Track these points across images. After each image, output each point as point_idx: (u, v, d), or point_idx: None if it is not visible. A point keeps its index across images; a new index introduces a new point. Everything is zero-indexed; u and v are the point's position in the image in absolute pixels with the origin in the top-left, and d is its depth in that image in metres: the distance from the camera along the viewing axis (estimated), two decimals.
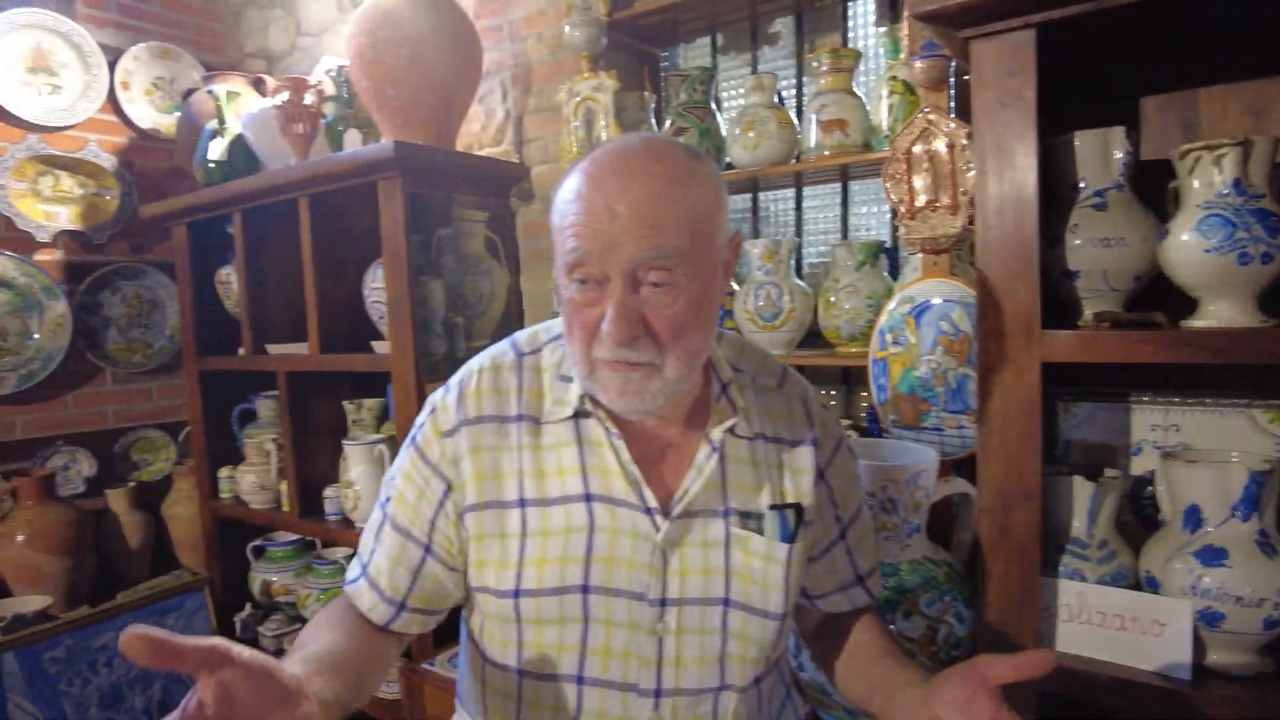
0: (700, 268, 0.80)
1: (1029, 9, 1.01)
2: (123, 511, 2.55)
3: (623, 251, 0.77)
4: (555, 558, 0.86)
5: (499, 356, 0.96)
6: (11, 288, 2.37)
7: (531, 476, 0.89)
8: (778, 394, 0.97)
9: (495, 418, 0.91)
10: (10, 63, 2.36)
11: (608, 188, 0.79)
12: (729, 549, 0.89)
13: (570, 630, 0.87)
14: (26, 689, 1.87)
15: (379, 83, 1.76)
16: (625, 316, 0.78)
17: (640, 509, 0.87)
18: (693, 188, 0.80)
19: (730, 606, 0.88)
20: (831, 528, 0.98)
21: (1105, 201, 1.10)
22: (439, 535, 0.91)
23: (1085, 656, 1.08)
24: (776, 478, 0.93)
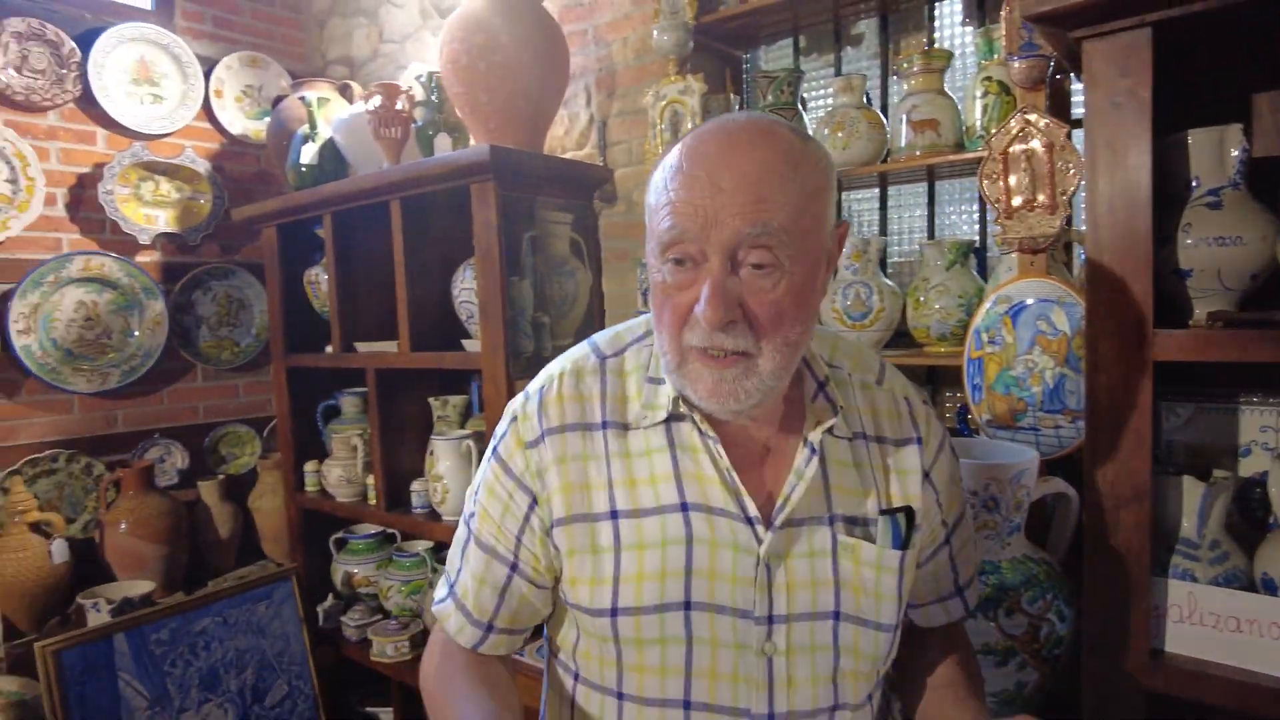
0: (805, 251, 0.75)
1: (1145, 8, 1.01)
2: (213, 503, 2.65)
3: (725, 228, 0.72)
4: (653, 572, 0.81)
5: (580, 360, 0.90)
6: (116, 288, 2.49)
7: (622, 486, 0.84)
8: (878, 390, 0.92)
9: (579, 425, 0.86)
10: (118, 75, 2.48)
11: (711, 161, 0.74)
12: (837, 559, 0.83)
13: (673, 651, 0.82)
14: (135, 668, 1.96)
15: (472, 88, 1.81)
16: (723, 297, 0.73)
17: (740, 519, 0.82)
18: (802, 166, 0.75)
19: (841, 620, 0.83)
20: (938, 532, 0.93)
21: (1220, 200, 1.09)
22: (525, 552, 0.87)
23: (1196, 658, 1.08)
24: (882, 480, 0.87)
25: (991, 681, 1.21)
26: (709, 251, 0.74)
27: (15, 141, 2.27)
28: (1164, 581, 1.10)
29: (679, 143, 0.79)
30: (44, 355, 2.34)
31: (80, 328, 2.42)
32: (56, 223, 2.40)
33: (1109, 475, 1.09)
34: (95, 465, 2.47)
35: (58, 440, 2.41)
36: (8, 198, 2.27)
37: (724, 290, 0.73)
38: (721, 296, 0.73)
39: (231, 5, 2.81)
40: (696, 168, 0.74)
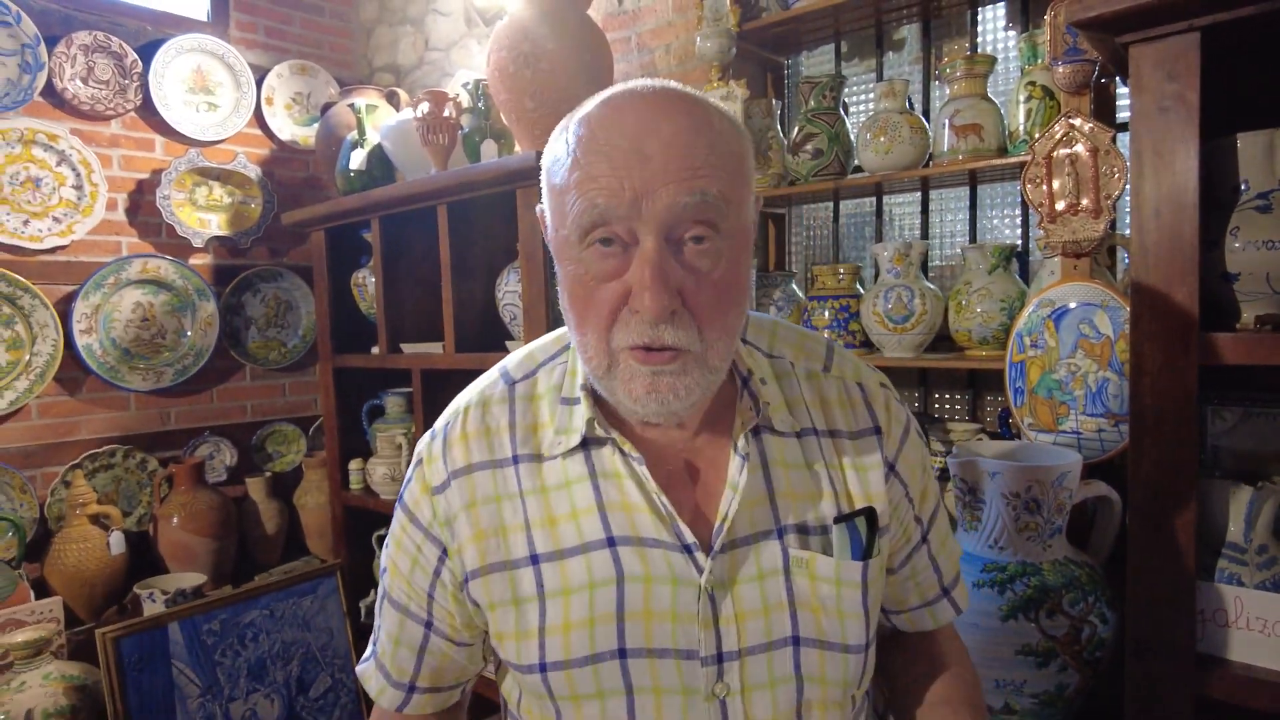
0: (739, 227, 0.68)
1: (1193, 12, 1.01)
2: (260, 499, 2.73)
3: (658, 200, 0.63)
4: (581, 620, 0.72)
5: (487, 390, 0.82)
6: (171, 289, 2.58)
7: (541, 526, 0.75)
8: (825, 379, 0.82)
9: (488, 463, 0.77)
10: (176, 85, 2.58)
11: (631, 128, 0.65)
12: (790, 577, 0.74)
13: (613, 705, 0.73)
14: (188, 657, 2.03)
15: (518, 95, 1.85)
16: (663, 281, 0.64)
17: (676, 547, 0.72)
18: (726, 132, 0.68)
19: (802, 646, 0.74)
20: (912, 530, 0.85)
21: (1269, 203, 1.09)
22: (439, 609, 0.79)
23: (1243, 662, 1.07)
24: (839, 478, 0.78)
25: (1032, 683, 1.21)
26: (640, 231, 0.65)
27: (81, 149, 2.36)
28: (1210, 586, 1.10)
29: (574, 116, 0.69)
30: (104, 354, 2.43)
31: (137, 328, 2.51)
32: (117, 226, 2.50)
33: (1153, 478, 1.09)
34: (149, 461, 2.56)
35: (115, 436, 2.50)
36: (73, 203, 2.37)
37: (665, 272, 0.64)
38: (662, 279, 0.64)
39: (283, 16, 2.90)
40: (615, 137, 0.65)
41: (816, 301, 1.81)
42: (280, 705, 2.17)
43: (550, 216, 0.72)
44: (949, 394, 1.89)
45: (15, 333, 2.27)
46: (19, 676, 1.82)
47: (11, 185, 2.26)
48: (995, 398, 1.82)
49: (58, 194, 2.34)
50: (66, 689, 1.85)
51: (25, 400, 2.29)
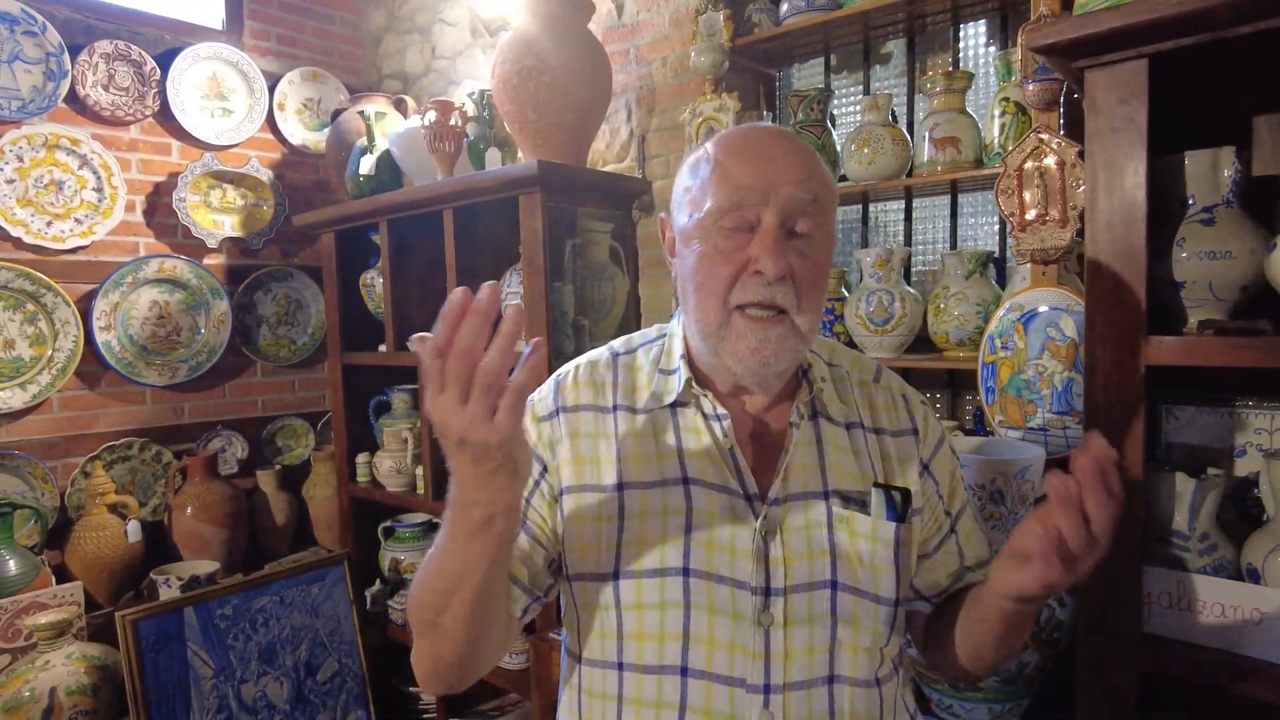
0: (830, 230, 0.88)
1: (1141, 41, 1.10)
2: (270, 491, 2.82)
3: (781, 193, 0.83)
4: (654, 538, 0.86)
5: (595, 356, 1.00)
6: (186, 288, 2.68)
7: (630, 461, 0.90)
8: (874, 387, 1.00)
9: (593, 407, 0.94)
10: (192, 91, 2.68)
11: (758, 142, 0.86)
12: (832, 530, 0.88)
13: (672, 616, 0.85)
14: (202, 640, 2.12)
15: (521, 106, 1.95)
16: (781, 249, 0.83)
17: (739, 495, 0.88)
18: (822, 158, 0.90)
19: (839, 590, 0.86)
20: (942, 521, 0.98)
21: (1213, 217, 1.18)
22: (533, 512, 0.92)
23: (1184, 640, 1.16)
24: (880, 466, 0.94)
25: None
26: (764, 215, 0.84)
27: (101, 153, 2.46)
28: (1156, 570, 1.18)
29: (706, 147, 0.90)
30: (122, 350, 2.53)
31: (154, 325, 2.61)
32: (135, 228, 2.59)
33: None
34: (164, 453, 2.66)
35: (132, 429, 2.60)
36: (93, 205, 2.46)
37: (780, 246, 0.83)
38: (781, 249, 0.83)
39: (294, 24, 2.99)
40: (748, 148, 0.86)
41: None
42: (289, 687, 2.26)
43: (682, 212, 0.90)
44: (930, 393, 1.98)
45: (38, 329, 2.37)
46: (43, 656, 1.92)
47: (36, 188, 2.36)
48: (973, 397, 1.90)
49: (79, 196, 2.44)
50: (88, 668, 1.95)
51: (47, 394, 2.39)
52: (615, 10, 2.26)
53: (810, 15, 1.85)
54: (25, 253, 2.37)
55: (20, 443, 2.37)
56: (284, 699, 2.24)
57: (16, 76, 2.33)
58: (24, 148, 2.34)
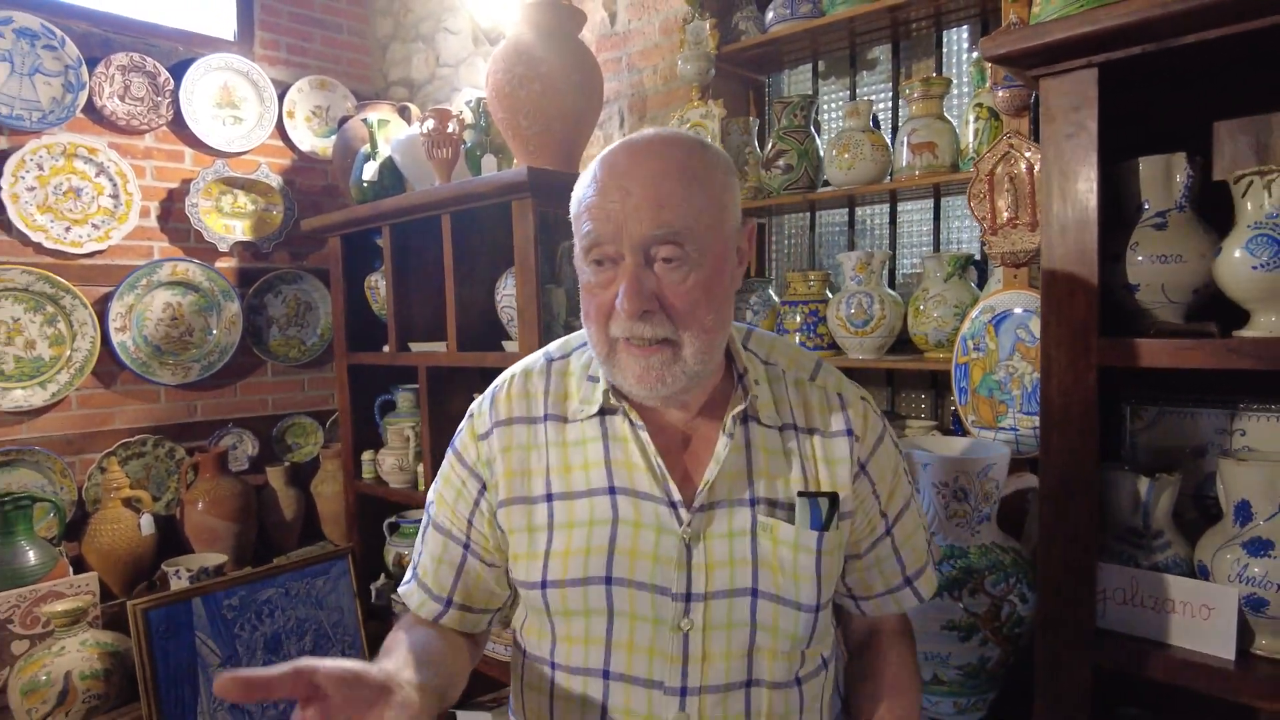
0: (710, 247, 0.84)
1: (1090, 51, 1.13)
2: (279, 487, 2.91)
3: (634, 229, 0.81)
4: (579, 549, 0.88)
5: (530, 364, 1.01)
6: (198, 290, 2.77)
7: (558, 472, 0.92)
8: (810, 386, 0.98)
9: (525, 419, 0.95)
10: (204, 100, 2.77)
11: (620, 171, 0.83)
12: (755, 538, 0.89)
13: (596, 622, 0.88)
14: (209, 629, 2.20)
15: (513, 114, 2.00)
16: (637, 289, 0.81)
17: (664, 502, 0.88)
18: (700, 173, 0.84)
19: (759, 597, 0.88)
20: (876, 523, 0.99)
21: (1165, 221, 1.20)
22: (475, 533, 0.96)
23: (1137, 636, 1.19)
24: (813, 468, 0.93)
25: (957, 655, 1.33)
26: (623, 251, 0.82)
27: (117, 161, 2.56)
28: (1111, 567, 1.21)
29: (592, 165, 0.88)
30: (137, 350, 2.62)
31: (167, 326, 2.70)
32: (149, 232, 2.69)
33: (1059, 468, 1.21)
34: (177, 450, 2.75)
35: (146, 426, 2.69)
36: (109, 211, 2.56)
37: (639, 283, 0.82)
38: (636, 289, 0.82)
39: (303, 34, 3.08)
40: (608, 178, 0.84)
41: (788, 306, 1.94)
42: None
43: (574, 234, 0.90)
44: (913, 394, 2.01)
45: (58, 330, 2.47)
46: (59, 642, 2.01)
47: (55, 195, 2.46)
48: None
49: (96, 203, 2.54)
50: (101, 654, 2.03)
51: (66, 392, 2.48)
52: (608, 19, 2.31)
53: (795, 23, 1.89)
54: (45, 257, 2.47)
55: (40, 439, 2.47)
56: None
57: (37, 89, 2.42)
58: (44, 156, 2.44)
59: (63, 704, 1.95)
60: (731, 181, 0.89)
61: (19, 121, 2.39)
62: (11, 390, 2.40)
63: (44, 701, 1.93)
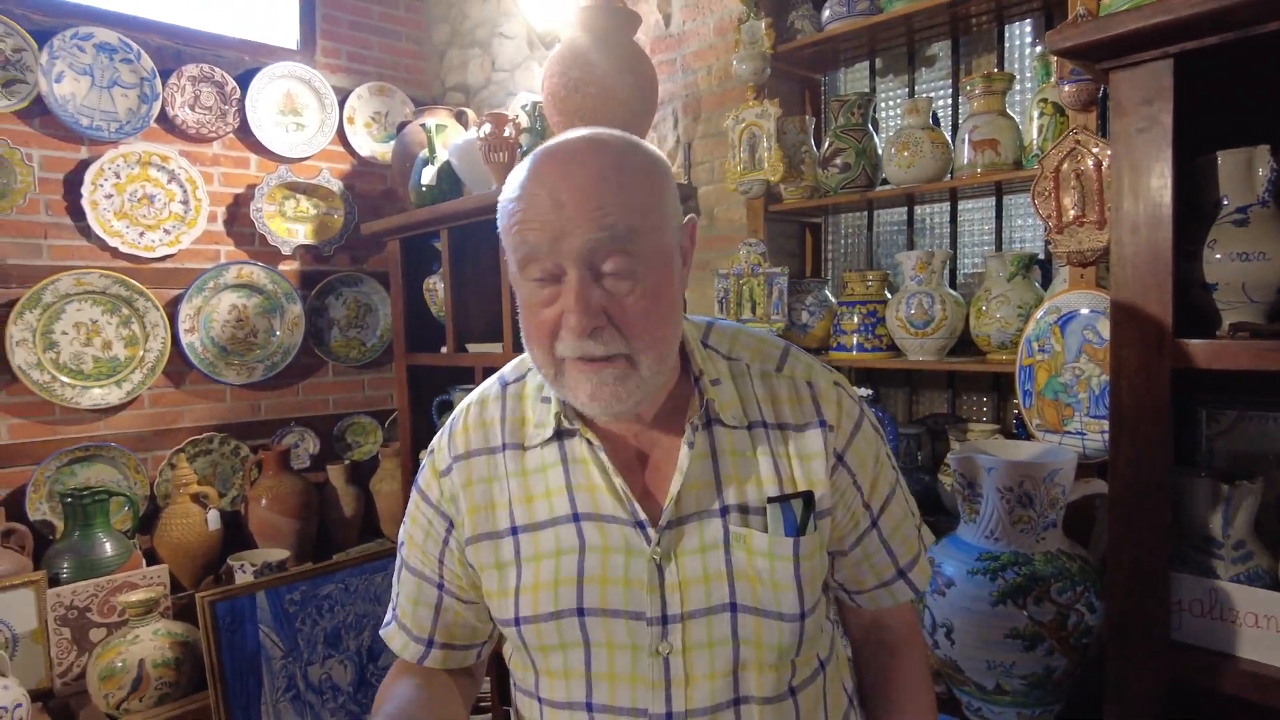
0: (657, 251, 0.78)
1: (1164, 41, 1.09)
2: (339, 485, 2.97)
3: (573, 239, 0.74)
4: (547, 582, 0.84)
5: (485, 390, 0.96)
6: (262, 293, 2.85)
7: (520, 503, 0.88)
8: (777, 378, 0.91)
9: (483, 450, 0.91)
10: (269, 108, 2.86)
11: (549, 178, 0.76)
12: (729, 550, 0.84)
13: (573, 655, 0.85)
14: (273, 622, 2.26)
15: (569, 117, 2.02)
16: (585, 305, 0.75)
17: (630, 523, 0.84)
18: (634, 172, 0.78)
19: (739, 612, 0.83)
20: (860, 515, 0.92)
21: (1247, 217, 1.15)
22: (448, 572, 0.92)
23: (1215, 650, 1.14)
24: (786, 466, 0.87)
25: (1021, 665, 1.30)
26: (564, 264, 0.75)
27: (187, 169, 2.66)
28: (1185, 577, 1.16)
29: (517, 169, 0.81)
30: (204, 351, 2.72)
31: (233, 328, 2.79)
32: (216, 236, 2.78)
33: (1129, 474, 1.17)
34: (242, 448, 2.84)
35: (213, 425, 2.78)
36: (180, 216, 2.66)
37: (586, 297, 0.75)
38: (584, 303, 0.75)
39: (363, 41, 3.15)
40: (537, 187, 0.77)
41: (846, 307, 1.92)
42: (352, 670, 2.39)
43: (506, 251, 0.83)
44: (975, 396, 1.97)
45: (132, 331, 2.57)
46: (133, 630, 2.09)
47: (130, 202, 2.56)
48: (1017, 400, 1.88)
49: (168, 209, 2.64)
50: (172, 644, 2.10)
51: (139, 391, 2.59)
52: (663, 21, 2.31)
53: (852, 20, 1.86)
54: (121, 261, 2.57)
55: (116, 435, 2.57)
56: (347, 681, 2.37)
57: (115, 100, 2.53)
58: (121, 165, 2.54)
59: (137, 690, 2.02)
60: (668, 179, 0.83)
61: (98, 132, 2.49)
62: (90, 389, 2.50)
63: (120, 687, 2.01)
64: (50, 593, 2.15)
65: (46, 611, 2.14)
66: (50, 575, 2.21)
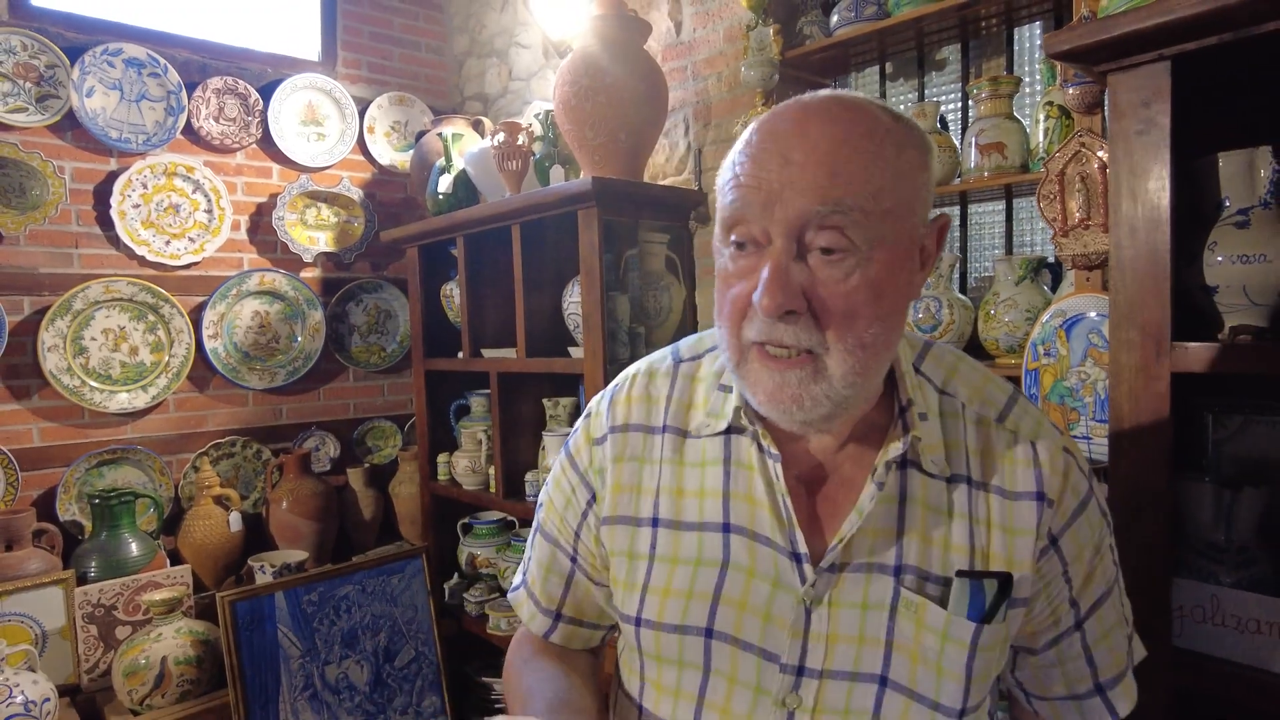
0: (887, 238, 0.65)
1: (1162, 43, 1.09)
2: (359, 488, 3.02)
3: (791, 205, 0.64)
4: (680, 590, 0.76)
5: (656, 362, 0.87)
6: (283, 299, 2.91)
7: (669, 494, 0.79)
8: (997, 429, 0.76)
9: (642, 426, 0.83)
10: (290, 118, 2.92)
11: (783, 134, 0.66)
12: (894, 616, 0.72)
13: (689, 677, 0.76)
14: (291, 622, 2.31)
15: (580, 125, 2.04)
16: (782, 281, 0.64)
17: (787, 552, 0.73)
18: (888, 143, 0.66)
19: (888, 688, 0.72)
20: (1063, 613, 0.78)
21: (1248, 219, 1.14)
22: (583, 546, 0.86)
23: (1218, 656, 1.13)
24: (984, 536, 0.74)
25: None
26: (772, 232, 0.66)
27: (212, 178, 2.72)
28: (1188, 582, 1.16)
29: (756, 120, 0.71)
30: (227, 356, 2.78)
31: (255, 333, 2.85)
32: (239, 244, 2.84)
33: (1129, 478, 1.16)
34: (263, 451, 2.89)
35: (235, 429, 2.84)
36: (204, 225, 2.72)
37: (784, 273, 0.65)
38: (780, 280, 0.64)
39: (384, 52, 3.20)
40: (766, 141, 0.67)
41: None
42: (369, 671, 2.43)
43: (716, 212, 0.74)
44: None
45: (158, 337, 2.64)
46: (157, 629, 2.14)
47: (157, 211, 2.63)
48: None
49: (192, 218, 2.71)
50: (194, 642, 2.15)
51: (164, 395, 2.65)
52: (674, 28, 2.33)
53: (860, 25, 1.87)
54: (148, 269, 2.64)
55: (142, 439, 2.63)
56: (364, 681, 2.41)
57: (143, 113, 2.60)
58: (148, 176, 2.61)
59: (160, 687, 2.07)
60: (926, 162, 0.70)
61: (126, 144, 2.57)
62: (118, 393, 2.57)
63: (143, 684, 2.05)
64: (78, 591, 2.21)
65: (74, 609, 2.20)
66: (78, 574, 2.27)
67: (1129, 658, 0.83)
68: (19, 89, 2.38)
